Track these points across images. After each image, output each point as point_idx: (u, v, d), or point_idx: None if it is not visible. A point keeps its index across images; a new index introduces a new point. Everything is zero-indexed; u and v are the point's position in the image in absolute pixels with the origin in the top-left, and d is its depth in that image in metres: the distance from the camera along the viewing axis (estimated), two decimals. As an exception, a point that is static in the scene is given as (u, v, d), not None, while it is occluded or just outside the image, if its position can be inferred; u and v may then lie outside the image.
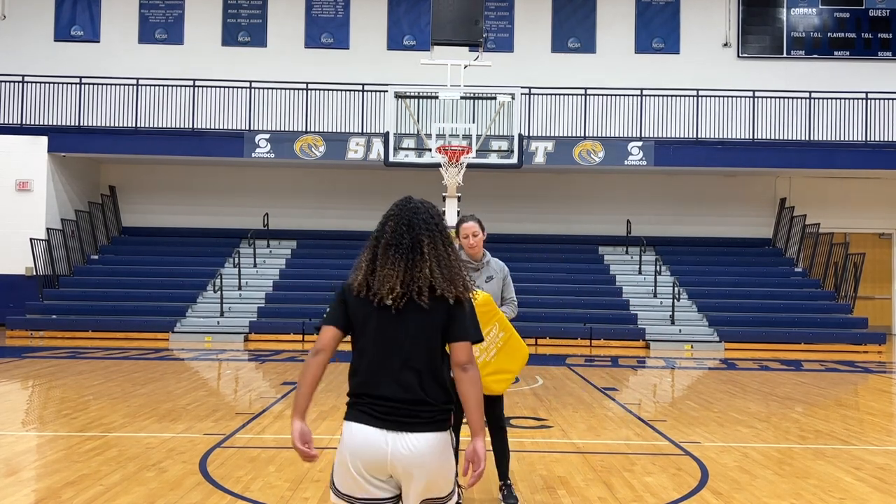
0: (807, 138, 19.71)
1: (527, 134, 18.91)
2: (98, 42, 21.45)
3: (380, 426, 3.07)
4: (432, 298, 3.09)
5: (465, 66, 15.39)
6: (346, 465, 3.09)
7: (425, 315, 3.10)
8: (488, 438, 5.66)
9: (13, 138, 19.14)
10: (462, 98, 15.59)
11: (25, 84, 19.65)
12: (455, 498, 3.20)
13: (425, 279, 3.10)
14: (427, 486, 3.08)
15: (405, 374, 3.09)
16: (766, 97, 19.87)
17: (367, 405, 3.10)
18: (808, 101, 19.77)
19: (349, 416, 3.15)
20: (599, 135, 19.56)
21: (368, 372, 3.14)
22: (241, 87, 19.95)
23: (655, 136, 19.69)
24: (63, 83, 19.70)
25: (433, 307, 3.09)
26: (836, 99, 19.77)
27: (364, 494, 3.10)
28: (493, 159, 16.51)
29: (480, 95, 16.07)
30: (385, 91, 16.02)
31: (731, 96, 19.87)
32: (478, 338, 3.16)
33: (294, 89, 19.87)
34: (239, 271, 19.01)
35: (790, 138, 19.79)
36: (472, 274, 5.54)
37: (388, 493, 3.11)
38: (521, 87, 16.41)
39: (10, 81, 19.68)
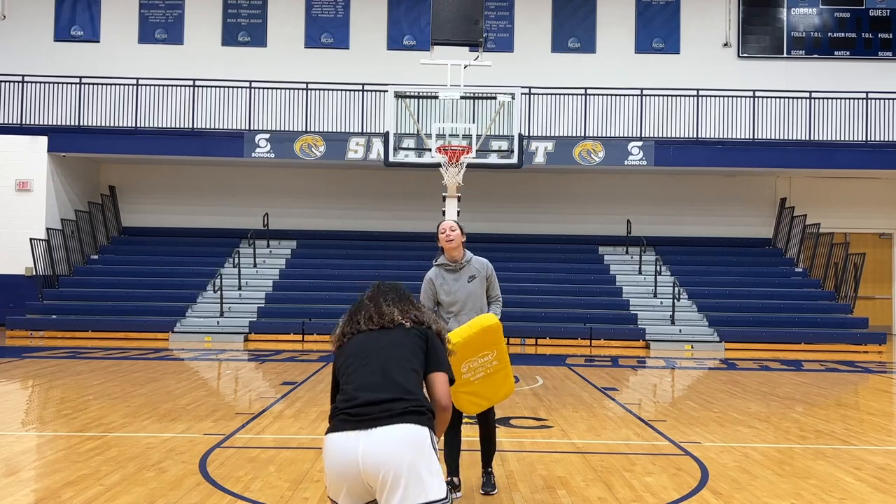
0: (807, 138, 19.70)
1: (527, 134, 18.91)
2: (98, 42, 21.45)
3: (351, 429, 3.02)
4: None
5: (465, 66, 15.40)
6: (332, 484, 3.03)
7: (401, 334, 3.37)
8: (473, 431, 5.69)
9: (13, 138, 19.14)
10: (462, 98, 15.59)
11: (25, 84, 19.65)
12: None
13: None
14: (406, 488, 2.86)
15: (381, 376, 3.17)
16: (766, 97, 19.86)
17: (343, 413, 3.10)
18: (808, 101, 19.77)
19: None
20: (599, 135, 19.56)
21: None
22: (241, 87, 19.95)
23: (655, 136, 19.69)
24: (63, 83, 19.69)
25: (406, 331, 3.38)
26: (836, 99, 19.76)
27: (342, 501, 3.04)
28: (493, 159, 16.50)
29: (480, 95, 16.07)
30: (385, 91, 16.02)
31: (731, 96, 19.87)
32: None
33: (294, 89, 19.86)
34: (239, 271, 19.01)
35: (790, 138, 19.79)
36: (451, 276, 5.66)
37: None
38: (521, 87, 16.42)
39: (10, 81, 19.68)
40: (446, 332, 3.55)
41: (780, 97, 19.85)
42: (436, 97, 15.85)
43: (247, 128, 19.75)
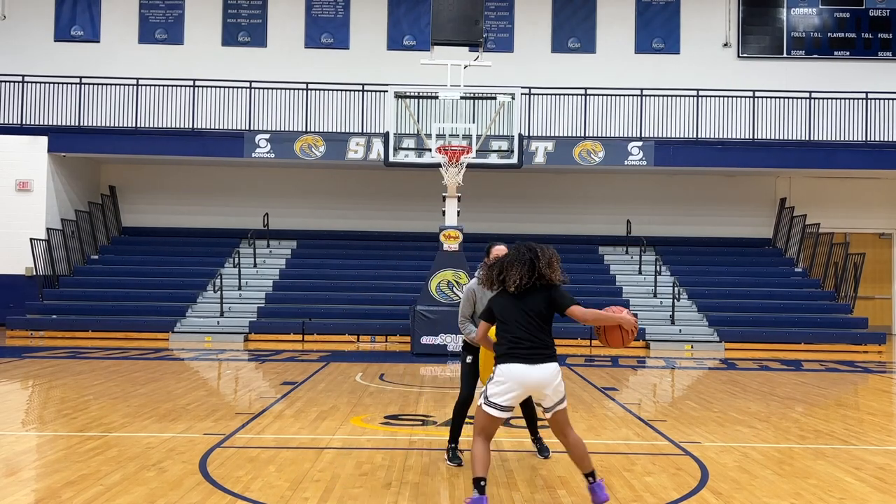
0: (807, 138, 19.71)
1: (527, 134, 18.92)
2: (98, 42, 21.46)
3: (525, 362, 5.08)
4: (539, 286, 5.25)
5: (465, 66, 15.41)
6: (504, 392, 5.04)
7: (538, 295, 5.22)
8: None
9: (13, 138, 19.14)
10: (462, 98, 15.61)
11: (25, 84, 19.66)
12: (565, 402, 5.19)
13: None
14: (552, 396, 5.07)
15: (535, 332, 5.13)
16: (766, 97, 19.87)
17: (515, 351, 5.09)
18: (808, 101, 19.78)
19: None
20: (599, 135, 19.57)
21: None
22: (241, 87, 19.95)
23: (655, 136, 19.69)
24: (63, 83, 19.70)
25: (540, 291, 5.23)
26: (836, 99, 19.77)
27: (508, 403, 5.06)
28: (493, 159, 16.51)
29: (480, 95, 16.07)
30: (385, 91, 16.03)
31: (731, 96, 19.87)
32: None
33: (294, 89, 19.87)
34: (239, 271, 19.01)
35: (790, 138, 19.80)
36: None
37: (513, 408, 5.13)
38: (521, 87, 16.43)
39: (10, 81, 19.68)
40: (564, 281, 5.42)
41: (779, 97, 19.85)
42: (436, 97, 15.87)
43: (247, 128, 19.75)
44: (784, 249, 21.00)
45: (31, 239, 18.27)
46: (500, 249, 6.32)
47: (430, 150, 15.14)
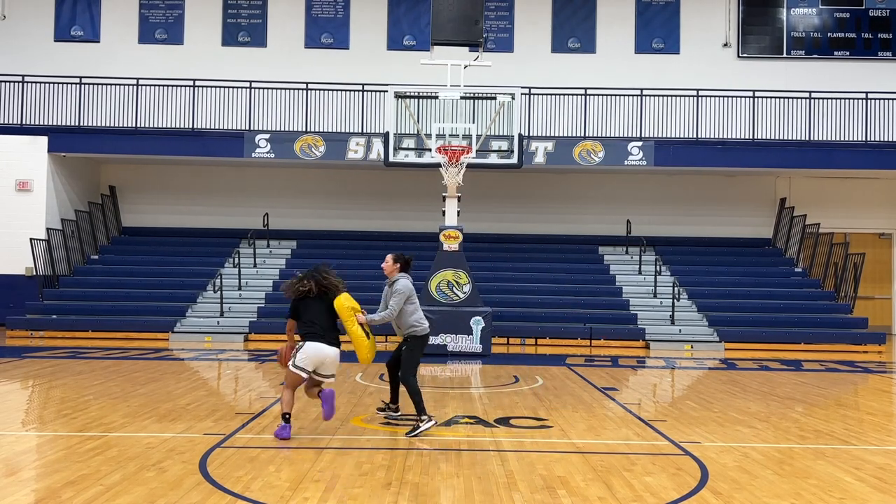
0: (807, 138, 19.71)
1: (527, 134, 18.91)
2: (98, 42, 21.46)
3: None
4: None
5: (465, 66, 15.42)
6: (310, 362, 7.26)
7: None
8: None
9: (13, 138, 19.14)
10: (462, 98, 15.61)
11: (25, 84, 19.65)
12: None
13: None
14: (330, 368, 7.37)
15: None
16: (766, 97, 19.87)
17: (315, 334, 7.29)
18: (808, 101, 19.77)
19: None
20: (599, 135, 19.56)
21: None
22: (241, 87, 19.95)
23: (655, 136, 19.69)
24: (63, 83, 19.70)
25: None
26: (836, 99, 19.76)
27: (309, 367, 7.26)
28: (493, 159, 16.51)
29: (480, 95, 16.08)
30: (385, 91, 16.04)
31: (731, 96, 19.87)
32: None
33: (294, 89, 19.87)
34: (239, 271, 19.01)
35: (790, 138, 19.80)
36: (388, 289, 8.02)
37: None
38: (521, 87, 16.43)
39: (10, 81, 19.68)
40: (338, 291, 7.38)
41: (779, 97, 19.85)
42: (436, 97, 15.87)
43: (247, 128, 19.75)
44: (784, 249, 21.00)
45: (31, 239, 18.27)
46: (386, 256, 8.11)
47: (430, 150, 15.15)
